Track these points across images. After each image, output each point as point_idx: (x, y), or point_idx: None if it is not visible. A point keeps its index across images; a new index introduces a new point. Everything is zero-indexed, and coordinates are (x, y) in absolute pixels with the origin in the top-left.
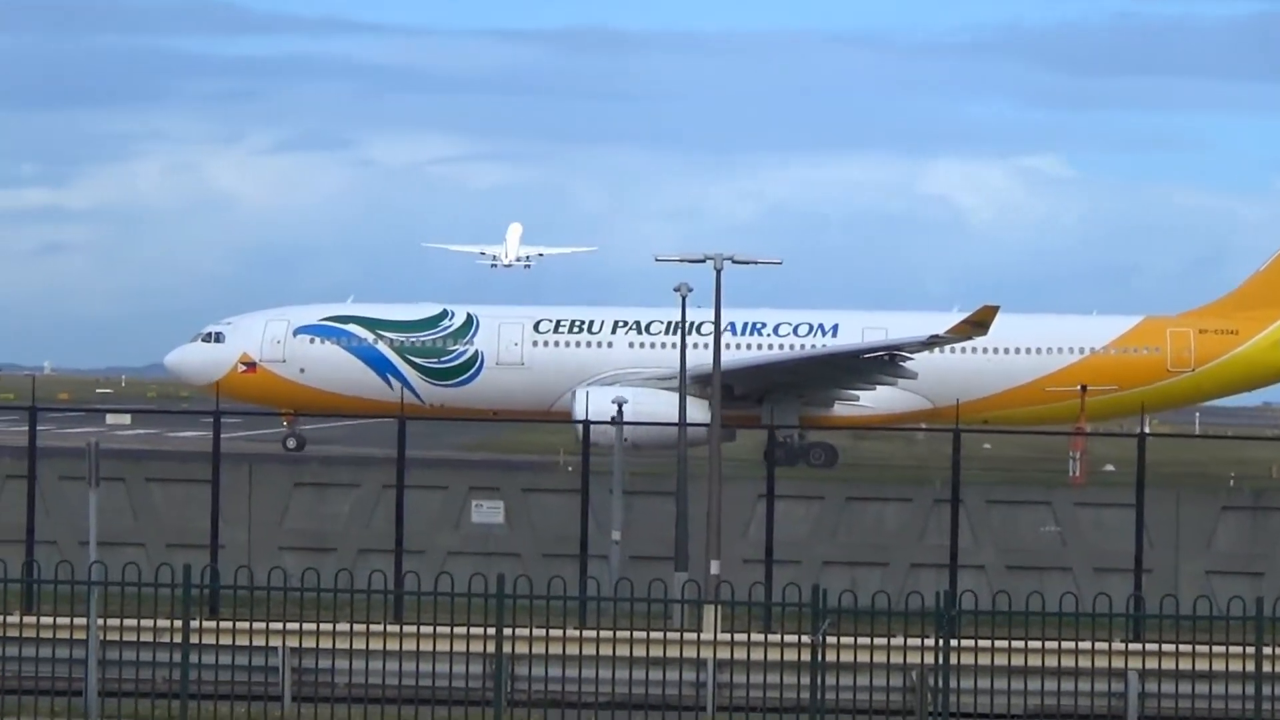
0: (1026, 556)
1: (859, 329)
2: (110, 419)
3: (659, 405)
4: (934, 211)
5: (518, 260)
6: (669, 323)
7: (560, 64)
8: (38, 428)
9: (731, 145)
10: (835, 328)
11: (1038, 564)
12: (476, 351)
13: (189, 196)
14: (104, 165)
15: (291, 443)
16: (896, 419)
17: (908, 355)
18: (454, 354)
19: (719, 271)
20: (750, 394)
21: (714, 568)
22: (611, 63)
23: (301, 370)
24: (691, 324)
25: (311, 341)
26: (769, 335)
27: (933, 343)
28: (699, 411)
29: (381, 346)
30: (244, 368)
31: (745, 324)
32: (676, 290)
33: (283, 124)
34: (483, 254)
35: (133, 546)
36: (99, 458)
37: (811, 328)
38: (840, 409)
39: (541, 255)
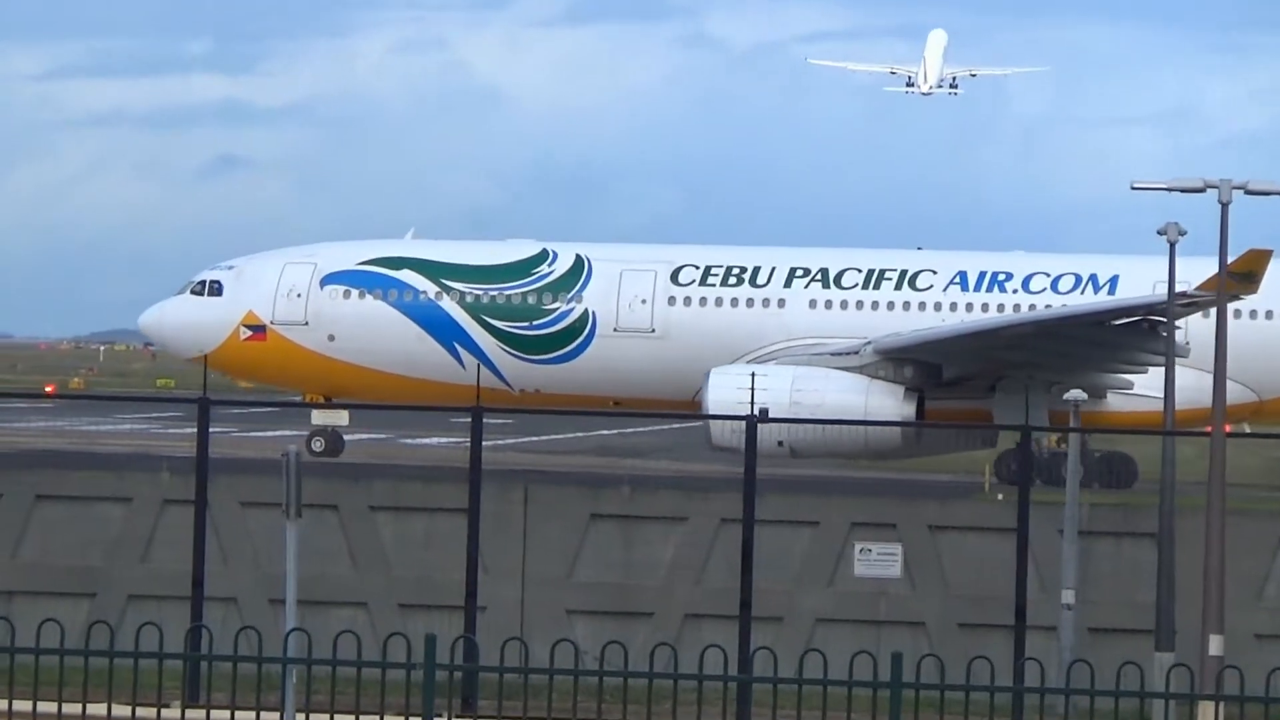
0: None
1: (1149, 282)
2: (318, 417)
3: (832, 393)
4: None
5: (940, 84)
6: (874, 271)
7: None
8: (208, 430)
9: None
10: (1114, 281)
11: None
12: (586, 312)
13: (429, 89)
14: (305, 43)
15: (319, 443)
16: (1199, 418)
17: (1162, 321)
18: (553, 314)
19: (1225, 206)
20: (967, 378)
21: (1214, 646)
22: None
23: (331, 337)
24: (902, 272)
25: (346, 295)
26: (1015, 292)
27: (1186, 304)
28: (885, 399)
29: (447, 303)
30: (248, 332)
31: (982, 275)
32: (1161, 234)
33: None
34: (893, 72)
35: (350, 606)
36: (300, 474)
37: (1079, 280)
38: (1116, 401)
39: (974, 75)
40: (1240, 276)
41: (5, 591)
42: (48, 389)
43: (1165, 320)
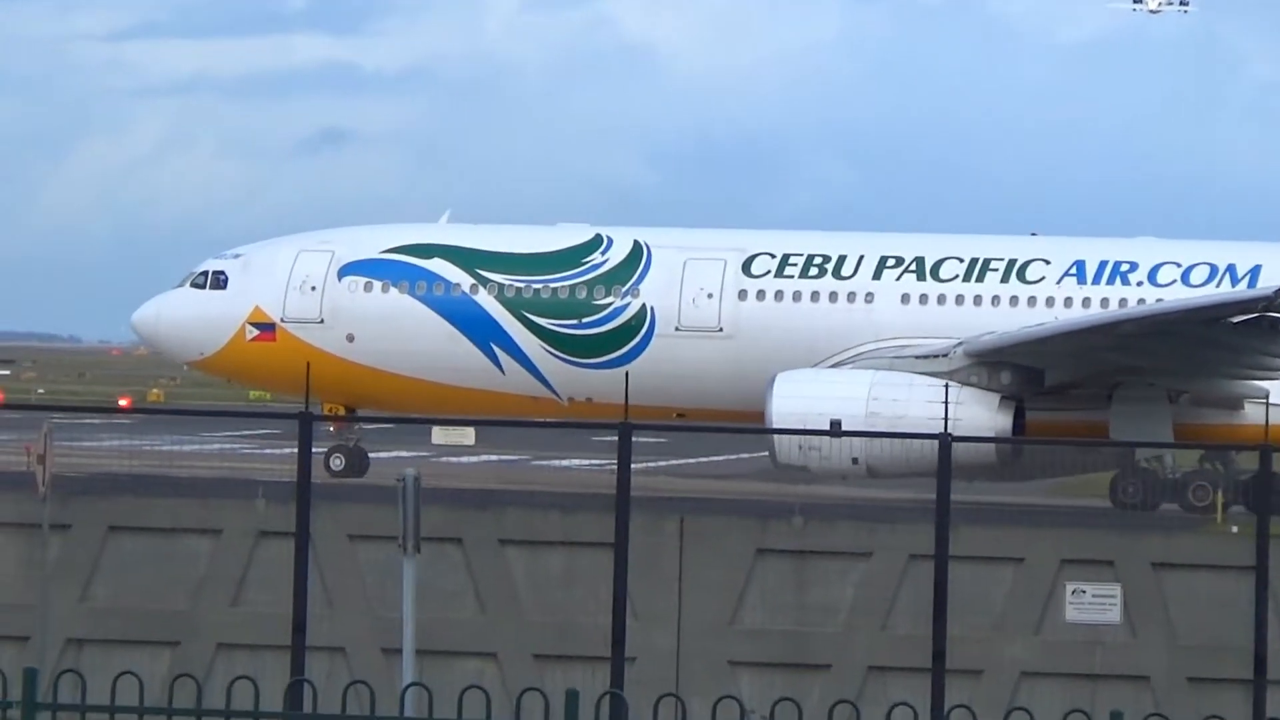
0: None
1: None
2: (439, 435)
3: (916, 402)
4: None
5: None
6: (977, 261)
7: None
8: (311, 450)
9: None
10: (1255, 272)
11: None
12: (644, 307)
13: (567, 50)
14: None
15: (337, 461)
16: None
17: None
18: (605, 311)
19: None
20: (1074, 385)
21: None
22: None
23: (349, 337)
24: (1010, 262)
25: (367, 288)
26: (1140, 285)
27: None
28: (977, 410)
29: (483, 297)
30: (255, 331)
31: (1103, 265)
32: None
33: None
34: None
35: (477, 657)
36: (419, 502)
37: (1214, 271)
38: (1253, 411)
39: None
40: None
41: (74, 640)
42: (122, 402)
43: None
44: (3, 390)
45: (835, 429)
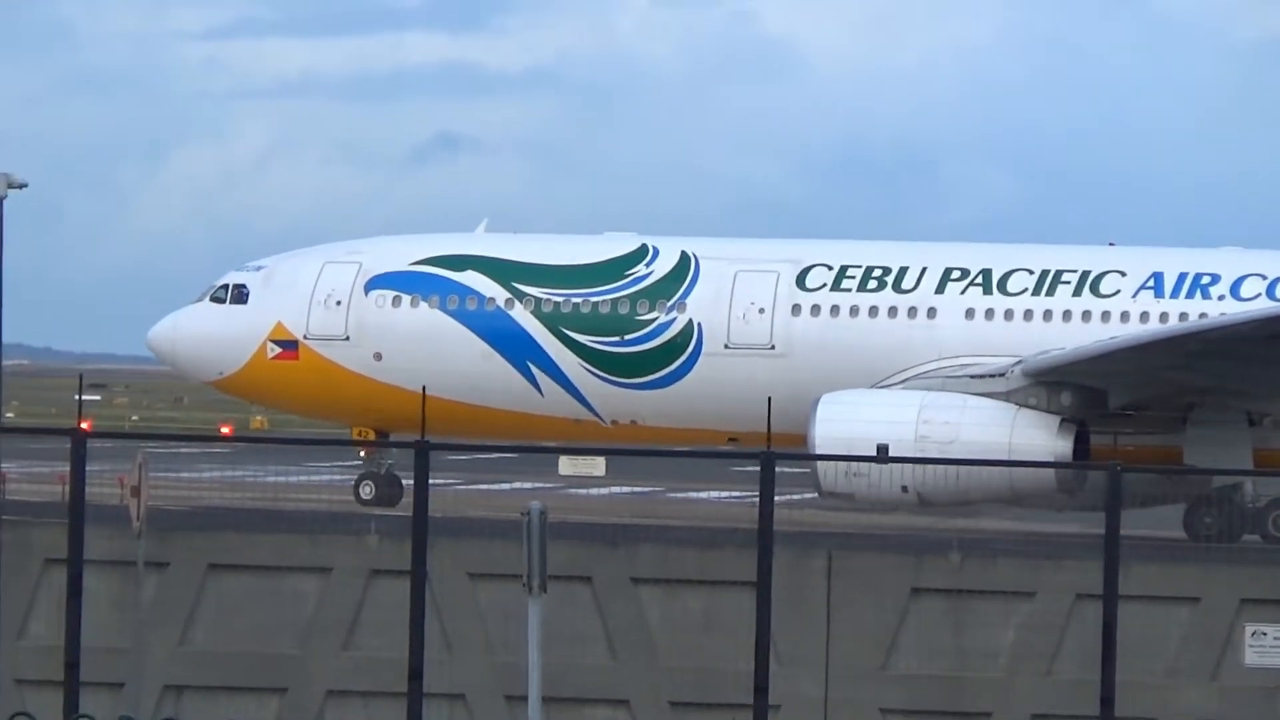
0: None
1: None
2: (566, 466)
3: (969, 425)
4: None
5: None
6: (1048, 273)
7: None
8: (428, 482)
9: None
10: None
11: None
12: (690, 323)
13: (706, 49)
14: None
15: (367, 489)
16: None
17: None
18: (649, 327)
19: None
20: (1140, 406)
21: None
22: None
23: (377, 356)
24: (1083, 274)
25: (395, 302)
26: (1221, 299)
27: None
28: (1035, 433)
29: (519, 312)
30: (277, 348)
31: (1182, 276)
32: None
33: None
34: None
35: (608, 704)
36: (545, 538)
37: None
38: None
39: None
40: None
41: (172, 686)
42: (223, 430)
43: None
44: (92, 418)
45: (883, 454)
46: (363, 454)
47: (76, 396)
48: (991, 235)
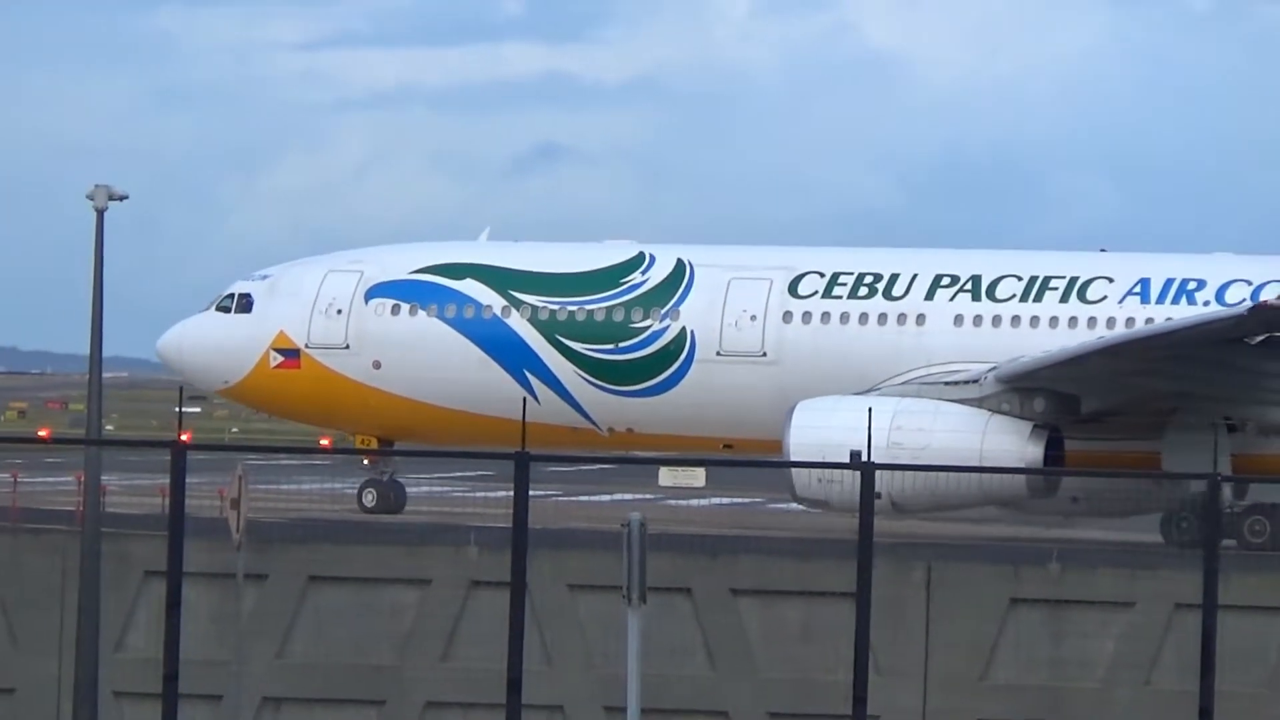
0: None
1: None
2: (668, 477)
3: (940, 432)
4: None
5: None
6: (1036, 279)
7: None
8: (528, 493)
9: None
10: None
11: None
12: (684, 331)
13: (806, 59)
14: (645, 1)
15: (370, 497)
16: None
17: None
18: (643, 335)
19: None
20: (1112, 412)
21: None
22: None
23: (376, 364)
24: (1071, 280)
25: (394, 311)
26: (1206, 304)
27: (1261, 313)
28: (1006, 439)
29: (516, 320)
30: (280, 357)
31: (1169, 282)
32: None
33: None
34: None
35: (707, 716)
36: (645, 549)
37: None
38: None
39: None
40: None
41: (271, 698)
42: (322, 441)
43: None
44: (192, 430)
45: (855, 461)
46: (365, 461)
47: (176, 409)
48: (1093, 246)
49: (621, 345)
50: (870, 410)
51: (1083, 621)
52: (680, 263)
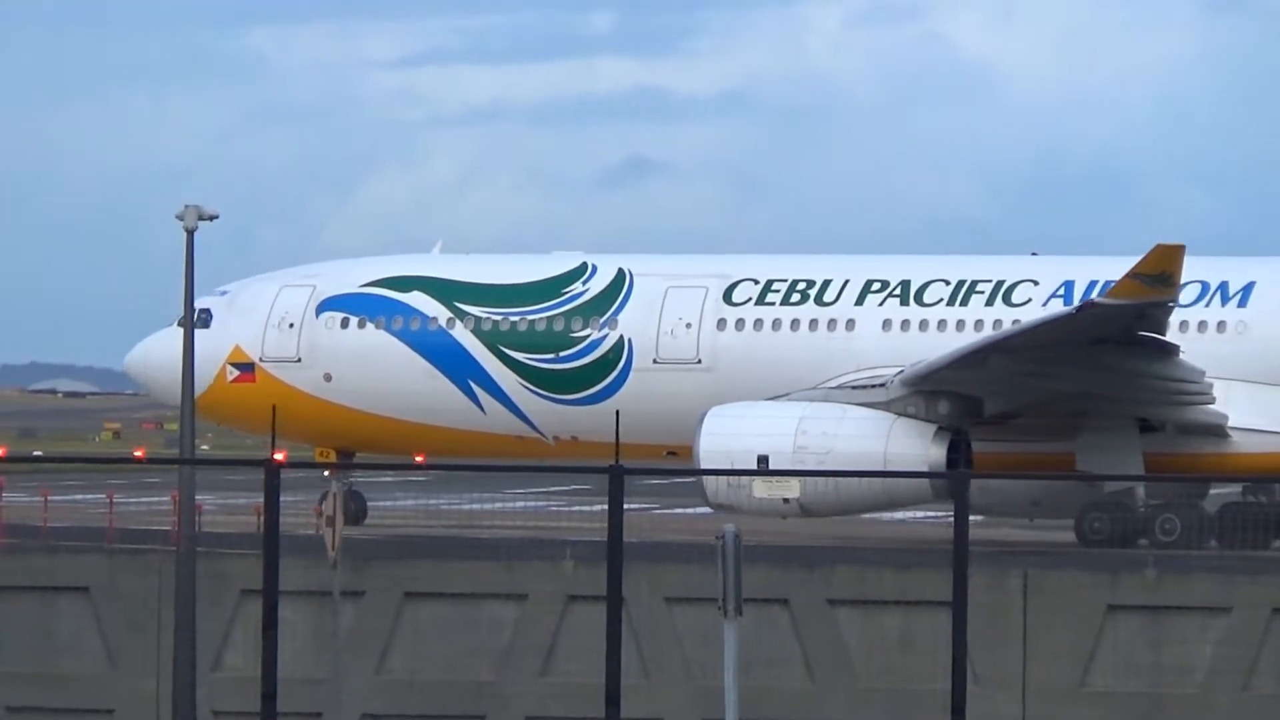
0: None
1: None
2: (762, 489)
3: (844, 437)
4: None
5: None
6: (964, 284)
7: None
8: (622, 506)
9: None
10: (1247, 290)
11: None
12: (621, 339)
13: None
14: (739, 14)
15: (329, 508)
16: None
17: (1152, 336)
18: (582, 344)
19: None
20: (1014, 414)
21: None
22: None
23: (327, 376)
24: (998, 284)
25: (344, 324)
26: None
27: (1092, 313)
28: (908, 443)
29: (460, 331)
30: (236, 371)
31: (1092, 284)
32: None
33: None
34: None
35: None
36: (740, 561)
37: (1205, 289)
38: (1244, 440)
39: None
40: (1152, 279)
41: (370, 715)
42: (418, 457)
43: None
44: (286, 449)
45: (763, 467)
46: (326, 474)
47: (270, 428)
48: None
49: (562, 354)
50: (777, 416)
51: (1180, 627)
52: (621, 272)
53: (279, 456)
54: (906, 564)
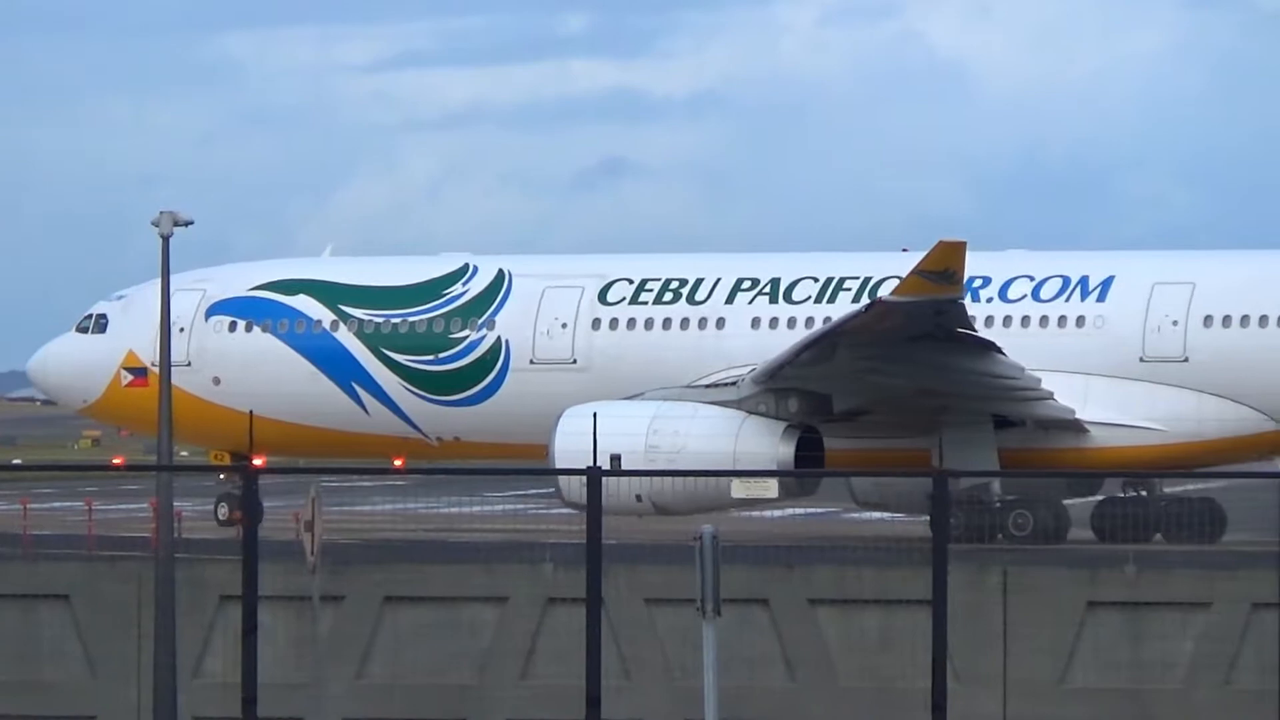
0: None
1: (1148, 284)
2: (741, 489)
3: (695, 436)
4: None
5: None
6: (831, 281)
7: None
8: (600, 508)
9: None
10: (1107, 283)
11: None
12: (499, 340)
13: (874, 69)
14: (714, 14)
15: (224, 511)
16: (1207, 452)
17: (971, 334)
18: (460, 345)
19: None
20: (864, 411)
21: None
22: None
23: (216, 380)
24: (864, 280)
25: (231, 328)
26: (990, 301)
27: (878, 310)
28: (757, 440)
29: (343, 334)
30: (130, 376)
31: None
32: None
33: None
34: None
35: None
36: (719, 561)
37: (1066, 284)
38: (1103, 435)
39: None
40: (936, 275)
41: None
42: (396, 462)
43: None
44: (264, 454)
45: (615, 466)
46: (221, 476)
47: (248, 433)
48: (1167, 247)
49: (441, 356)
50: (630, 416)
51: (1161, 623)
52: (500, 273)
53: (258, 462)
54: (886, 563)
